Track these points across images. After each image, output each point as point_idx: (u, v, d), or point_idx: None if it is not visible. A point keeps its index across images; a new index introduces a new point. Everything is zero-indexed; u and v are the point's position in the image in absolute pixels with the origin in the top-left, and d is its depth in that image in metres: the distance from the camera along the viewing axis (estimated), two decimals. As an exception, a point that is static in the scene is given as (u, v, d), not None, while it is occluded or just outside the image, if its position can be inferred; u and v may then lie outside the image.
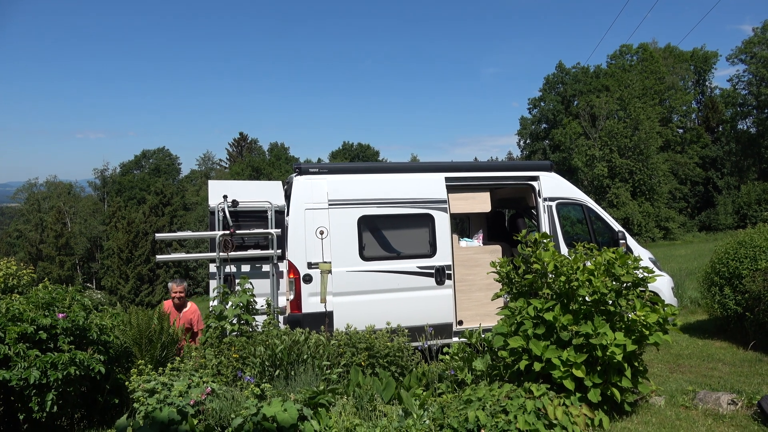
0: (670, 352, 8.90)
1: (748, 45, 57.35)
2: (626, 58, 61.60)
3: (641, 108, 51.49)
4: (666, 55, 62.20)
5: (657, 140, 51.88)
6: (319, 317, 7.22)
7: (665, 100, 58.70)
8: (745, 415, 4.70)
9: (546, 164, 9.45)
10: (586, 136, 55.55)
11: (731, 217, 50.76)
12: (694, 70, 65.05)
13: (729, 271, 9.21)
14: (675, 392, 5.25)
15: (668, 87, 59.15)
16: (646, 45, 62.05)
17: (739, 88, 59.53)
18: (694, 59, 64.74)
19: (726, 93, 61.68)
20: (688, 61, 64.44)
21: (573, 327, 4.61)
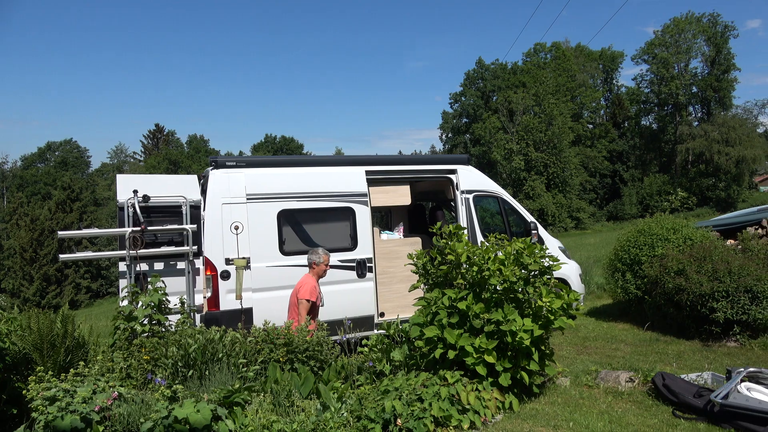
0: (577, 335, 9.45)
1: (650, 46, 61.51)
2: (541, 56, 64.43)
3: (555, 104, 54.06)
4: (577, 54, 65.57)
5: (569, 135, 54.71)
6: (238, 314, 7.06)
7: (576, 96, 61.93)
8: (641, 391, 5.08)
9: (463, 158, 9.70)
10: (504, 130, 57.59)
11: (635, 207, 54.51)
12: (602, 69, 69.02)
13: (630, 257, 9.88)
14: (579, 373, 5.58)
15: (579, 84, 62.45)
16: (558, 44, 65.16)
17: (643, 86, 63.85)
18: (603, 58, 68.68)
19: (631, 91, 65.99)
20: (597, 60, 68.27)
21: (485, 315, 4.79)
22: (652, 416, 4.52)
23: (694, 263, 8.54)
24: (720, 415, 4.31)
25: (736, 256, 8.72)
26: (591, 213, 56.61)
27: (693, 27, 59.41)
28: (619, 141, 63.24)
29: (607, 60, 68.70)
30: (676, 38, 59.81)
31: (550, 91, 55.72)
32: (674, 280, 8.53)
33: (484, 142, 60.37)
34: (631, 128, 65.24)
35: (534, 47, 65.18)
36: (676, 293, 8.51)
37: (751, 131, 57.82)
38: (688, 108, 61.91)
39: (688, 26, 59.46)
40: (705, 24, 59.74)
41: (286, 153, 70.07)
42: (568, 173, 53.35)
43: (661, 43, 60.50)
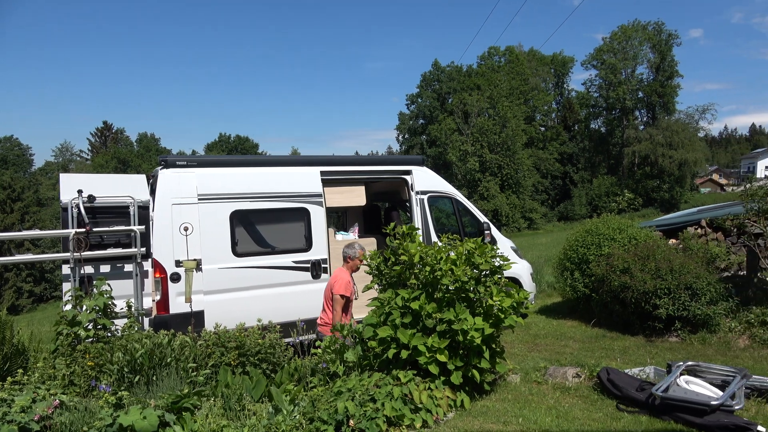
0: (529, 333, 9.66)
1: (598, 52, 63.57)
2: (495, 60, 65.59)
3: (508, 107, 55.22)
4: (530, 58, 67.13)
5: (522, 137, 55.97)
6: (188, 317, 6.90)
7: (529, 99, 63.41)
8: (587, 386, 5.24)
9: (418, 159, 9.77)
10: (459, 132, 58.40)
11: (585, 207, 56.23)
12: (554, 73, 70.92)
13: (578, 257, 10.17)
14: (529, 369, 5.71)
15: (532, 88, 63.96)
16: (512, 48, 66.50)
17: (592, 91, 65.94)
18: (554, 63, 70.56)
19: (581, 95, 68.03)
20: (549, 65, 70.09)
21: (437, 314, 4.85)
22: (597, 410, 4.67)
23: (638, 262, 8.87)
24: (661, 407, 4.49)
25: (678, 254, 9.10)
26: (543, 213, 58.07)
27: (639, 34, 61.76)
28: (570, 143, 65.11)
29: (558, 64, 70.61)
30: (624, 45, 62.03)
31: (504, 93, 56.89)
32: (620, 278, 8.83)
33: (440, 143, 61.07)
34: (581, 131, 67.25)
35: (488, 50, 66.36)
36: (621, 291, 8.81)
37: (692, 135, 60.58)
38: (634, 112, 64.30)
39: (635, 34, 61.78)
40: (650, 32, 62.19)
41: (241, 152, 68.98)
42: (521, 174, 54.56)
43: (609, 49, 62.62)
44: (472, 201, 52.90)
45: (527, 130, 59.32)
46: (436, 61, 68.52)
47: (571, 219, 55.53)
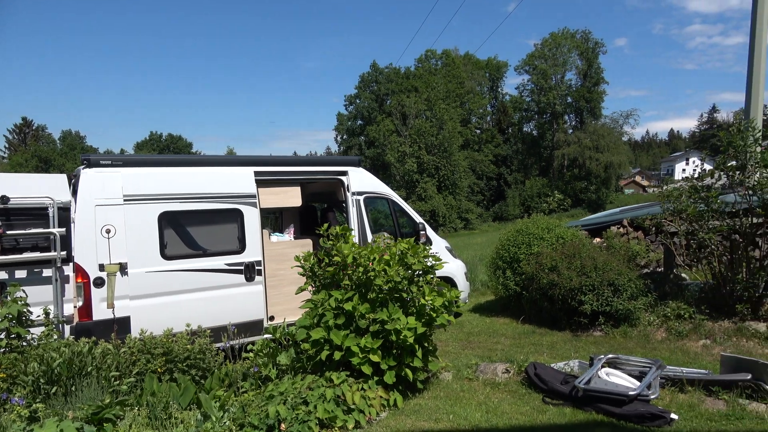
0: (462, 331, 9.86)
1: (530, 58, 65.88)
2: (432, 62, 66.65)
3: (445, 109, 56.23)
4: (466, 62, 68.66)
5: (458, 139, 57.14)
6: (113, 324, 6.59)
7: (465, 102, 64.86)
8: (516, 381, 5.41)
9: (354, 159, 9.77)
10: (398, 133, 58.95)
11: (518, 208, 58.10)
12: (489, 77, 72.85)
13: (510, 255, 10.48)
14: (461, 367, 5.83)
15: (468, 91, 65.44)
16: (449, 51, 67.81)
17: (524, 95, 68.28)
18: (489, 67, 72.50)
19: (514, 99, 70.26)
20: (484, 69, 71.95)
21: (370, 315, 4.86)
22: (524, 404, 4.83)
23: (565, 260, 9.24)
24: (583, 399, 4.70)
25: (601, 253, 9.55)
26: (479, 214, 59.52)
27: (568, 42, 64.49)
28: (504, 146, 67.09)
29: (492, 69, 72.60)
30: (554, 52, 64.60)
31: (441, 96, 57.91)
32: (548, 275, 9.18)
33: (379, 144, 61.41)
34: (514, 134, 69.45)
35: (425, 53, 67.40)
36: (549, 288, 9.15)
37: (617, 139, 63.90)
38: (564, 117, 67.08)
39: (564, 41, 64.47)
40: (578, 40, 65.07)
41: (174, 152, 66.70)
42: (457, 176, 55.69)
43: (540, 55, 65.02)
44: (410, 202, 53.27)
45: (463, 132, 60.64)
46: (375, 62, 68.93)
47: (506, 219, 57.22)
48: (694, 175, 9.08)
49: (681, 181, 10.14)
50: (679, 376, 4.98)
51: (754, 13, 12.43)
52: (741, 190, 8.43)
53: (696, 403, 4.64)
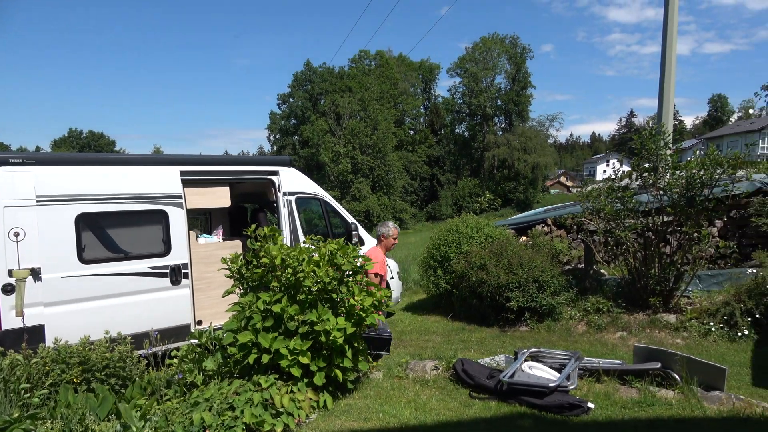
0: (395, 330, 9.95)
1: (462, 61, 67.41)
2: (366, 63, 66.87)
3: (379, 110, 56.55)
4: (399, 63, 69.35)
5: (392, 140, 57.64)
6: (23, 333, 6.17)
7: (399, 103, 65.52)
8: (445, 378, 5.51)
9: (285, 159, 9.63)
10: (332, 133, 58.77)
11: (451, 207, 59.31)
12: (422, 79, 73.93)
13: (441, 254, 10.68)
14: (391, 365, 5.89)
15: (401, 92, 66.14)
16: (382, 52, 68.26)
17: (456, 97, 69.73)
18: (422, 69, 73.57)
19: (446, 101, 71.65)
20: (417, 70, 72.96)
21: (299, 316, 4.81)
22: (452, 399, 4.93)
23: (493, 258, 9.52)
24: (507, 392, 4.86)
25: (527, 251, 9.91)
26: (413, 214, 60.29)
27: (498, 46, 66.47)
28: (437, 147, 68.30)
29: (425, 71, 73.73)
30: (484, 55, 66.41)
31: (375, 97, 58.19)
32: (477, 273, 9.43)
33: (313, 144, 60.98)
34: (446, 135, 70.85)
35: (359, 54, 67.53)
36: (478, 286, 9.40)
37: (543, 141, 66.57)
38: (494, 119, 69.09)
39: (494, 45, 66.40)
40: (507, 45, 67.20)
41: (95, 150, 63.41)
42: (391, 176, 56.16)
43: (471, 59, 66.67)
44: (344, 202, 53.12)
45: (397, 133, 61.24)
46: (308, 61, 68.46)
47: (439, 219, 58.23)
48: (612, 176, 9.60)
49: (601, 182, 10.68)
50: (596, 367, 5.24)
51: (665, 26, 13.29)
52: (653, 190, 8.99)
53: (611, 391, 4.90)
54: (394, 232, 6.77)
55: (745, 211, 10.43)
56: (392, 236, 6.72)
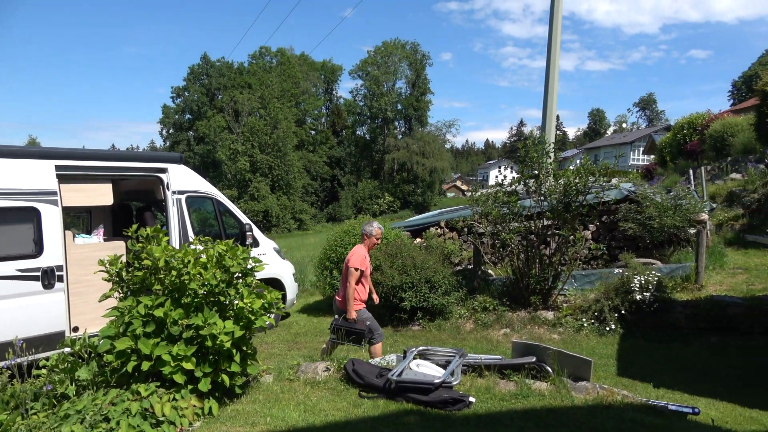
0: (290, 332, 9.87)
1: (364, 64, 68.08)
2: (266, 60, 65.53)
3: (280, 108, 55.65)
4: (301, 62, 68.73)
5: (293, 139, 56.96)
6: None
7: (300, 103, 64.90)
8: (336, 378, 5.54)
9: (176, 156, 9.22)
10: (229, 130, 56.98)
11: (351, 209, 59.69)
12: (324, 79, 73.75)
13: (337, 256, 10.73)
14: (282, 368, 5.82)
15: (303, 91, 65.57)
16: (284, 50, 67.27)
17: (358, 99, 70.31)
18: (324, 69, 73.42)
19: (348, 103, 72.04)
20: (319, 71, 72.70)
21: (184, 321, 4.63)
22: (342, 400, 4.97)
23: (388, 259, 9.72)
24: (395, 390, 4.98)
25: (421, 252, 10.22)
26: (313, 214, 59.95)
27: (399, 52, 67.90)
28: (338, 148, 68.45)
29: (328, 71, 73.67)
30: (386, 60, 67.55)
31: (276, 95, 57.20)
32: (372, 274, 9.57)
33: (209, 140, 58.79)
34: (348, 137, 71.22)
35: (260, 50, 66.10)
36: (374, 286, 9.55)
37: (441, 146, 68.92)
38: (394, 123, 70.45)
39: (395, 50, 67.75)
40: (408, 51, 68.83)
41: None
42: (291, 176, 55.46)
43: (373, 62, 67.55)
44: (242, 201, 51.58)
45: (298, 132, 60.61)
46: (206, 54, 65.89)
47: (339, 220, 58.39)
48: (501, 182, 10.17)
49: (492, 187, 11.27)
50: (478, 363, 5.52)
51: (550, 43, 14.27)
52: (535, 196, 9.63)
53: (491, 385, 5.19)
54: (377, 233, 6.86)
55: (615, 217, 11.46)
56: (375, 236, 6.82)
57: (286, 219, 53.96)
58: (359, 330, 6.33)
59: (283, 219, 53.47)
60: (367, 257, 6.67)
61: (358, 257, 6.50)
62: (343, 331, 6.38)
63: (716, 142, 19.80)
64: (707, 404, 6.13)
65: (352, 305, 6.42)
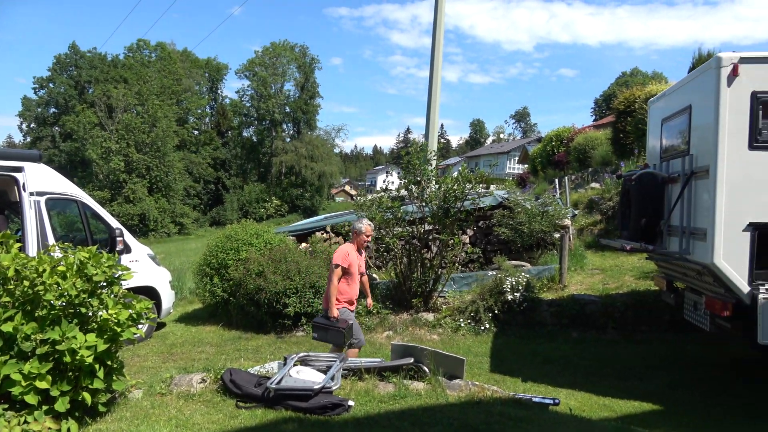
0: (165, 343, 9.34)
1: (251, 64, 66.47)
2: (145, 54, 61.69)
3: (159, 105, 52.55)
4: (183, 59, 65.54)
5: (174, 139, 54.05)
6: None
7: (182, 101, 61.83)
8: (212, 390, 5.32)
9: (34, 154, 8.41)
10: (102, 127, 52.90)
11: (236, 213, 57.82)
12: (208, 77, 70.90)
13: (218, 262, 10.35)
14: (154, 382, 5.49)
15: (185, 89, 62.53)
16: (164, 44, 63.78)
17: (245, 100, 68.47)
18: (209, 67, 70.61)
19: (234, 103, 69.88)
20: (203, 68, 69.79)
21: (38, 335, 4.21)
22: (218, 412, 4.79)
23: (272, 265, 9.55)
24: (274, 399, 4.89)
25: (305, 257, 10.15)
26: (195, 218, 57.25)
27: (288, 54, 67.13)
28: (223, 149, 66.08)
29: (212, 70, 70.96)
30: (274, 61, 66.47)
31: (155, 91, 53.99)
32: (255, 281, 9.35)
33: (78, 137, 54.21)
34: (233, 138, 69.03)
35: (137, 43, 62.01)
36: (256, 293, 9.34)
37: (330, 151, 69.09)
38: (282, 125, 69.46)
39: (284, 52, 66.91)
40: (297, 53, 68.27)
41: None
42: (172, 177, 52.54)
43: (261, 62, 66.18)
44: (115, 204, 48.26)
45: (180, 132, 57.62)
46: (75, 43, 60.82)
47: (223, 224, 56.25)
48: (385, 188, 10.40)
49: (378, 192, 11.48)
50: (359, 366, 5.59)
51: (433, 55, 14.85)
52: (417, 202, 9.96)
53: (371, 388, 5.27)
54: (367, 230, 6.41)
55: (490, 222, 12.17)
56: (364, 233, 6.38)
57: (165, 223, 50.93)
58: (340, 329, 5.91)
59: (162, 223, 50.42)
60: (350, 254, 6.25)
61: (341, 254, 6.16)
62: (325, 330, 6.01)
63: (579, 154, 21.75)
64: (567, 395, 6.70)
65: (332, 303, 6.01)
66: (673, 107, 7.01)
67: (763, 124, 5.55)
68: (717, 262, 5.57)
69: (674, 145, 6.97)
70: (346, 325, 5.98)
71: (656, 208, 6.95)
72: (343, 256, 6.19)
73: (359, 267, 6.43)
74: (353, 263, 6.27)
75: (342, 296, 6.21)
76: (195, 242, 36.45)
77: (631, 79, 55.69)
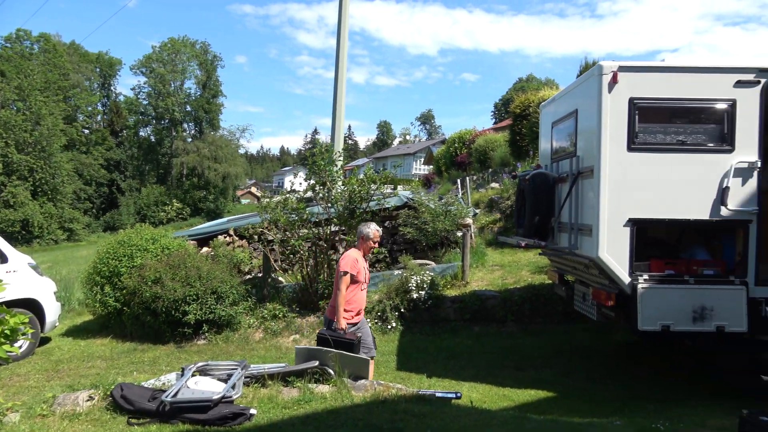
0: (50, 360, 8.61)
1: (148, 60, 63.00)
2: (26, 45, 56.39)
3: (43, 102, 48.33)
4: (71, 52, 60.83)
5: (61, 138, 49.89)
6: None
7: (70, 98, 57.30)
8: (101, 408, 4.95)
9: None
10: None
11: (133, 217, 54.39)
12: (99, 73, 66.35)
13: (110, 270, 9.69)
14: (34, 403, 5.02)
15: (73, 85, 58.00)
16: (48, 36, 58.68)
17: (141, 97, 64.71)
18: (100, 62, 66.09)
19: (129, 100, 65.83)
20: (94, 63, 65.20)
21: None
22: (106, 431, 4.47)
23: (170, 271, 9.07)
24: (170, 412, 4.63)
25: (207, 262, 9.75)
26: (86, 224, 53.18)
27: (188, 50, 64.35)
28: (117, 150, 62.06)
29: (104, 65, 66.51)
30: (173, 57, 63.43)
31: (38, 86, 49.56)
32: (151, 288, 8.85)
33: (-55, 136, 48.59)
34: (129, 138, 65.10)
35: (17, 33, 56.51)
36: (153, 301, 8.84)
37: (234, 151, 67.03)
38: (183, 125, 66.46)
39: (184, 48, 64.05)
40: (198, 50, 65.63)
41: None
42: (59, 180, 48.51)
43: (159, 58, 62.92)
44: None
45: (68, 131, 53.29)
46: (-60, 31, 54.39)
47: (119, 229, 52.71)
48: (292, 189, 10.24)
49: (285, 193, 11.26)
50: (262, 373, 5.44)
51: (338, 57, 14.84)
52: (323, 203, 9.89)
53: (275, 394, 5.14)
54: (375, 235, 5.82)
55: (396, 222, 12.34)
56: (372, 239, 5.80)
57: (52, 229, 46.83)
58: (348, 341, 5.45)
59: (48, 229, 46.32)
60: (359, 261, 5.73)
61: (349, 260, 5.63)
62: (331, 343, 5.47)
63: (480, 156, 22.67)
64: (470, 387, 6.92)
65: (341, 313, 5.51)
66: (562, 111, 7.46)
67: (640, 128, 6.02)
68: (602, 256, 5.97)
69: (563, 146, 7.41)
70: (356, 337, 5.57)
71: (548, 207, 7.35)
72: (352, 263, 5.66)
73: (366, 275, 5.96)
74: (361, 271, 5.78)
75: (350, 306, 5.69)
76: (86, 249, 33.94)
77: (526, 84, 58.86)
